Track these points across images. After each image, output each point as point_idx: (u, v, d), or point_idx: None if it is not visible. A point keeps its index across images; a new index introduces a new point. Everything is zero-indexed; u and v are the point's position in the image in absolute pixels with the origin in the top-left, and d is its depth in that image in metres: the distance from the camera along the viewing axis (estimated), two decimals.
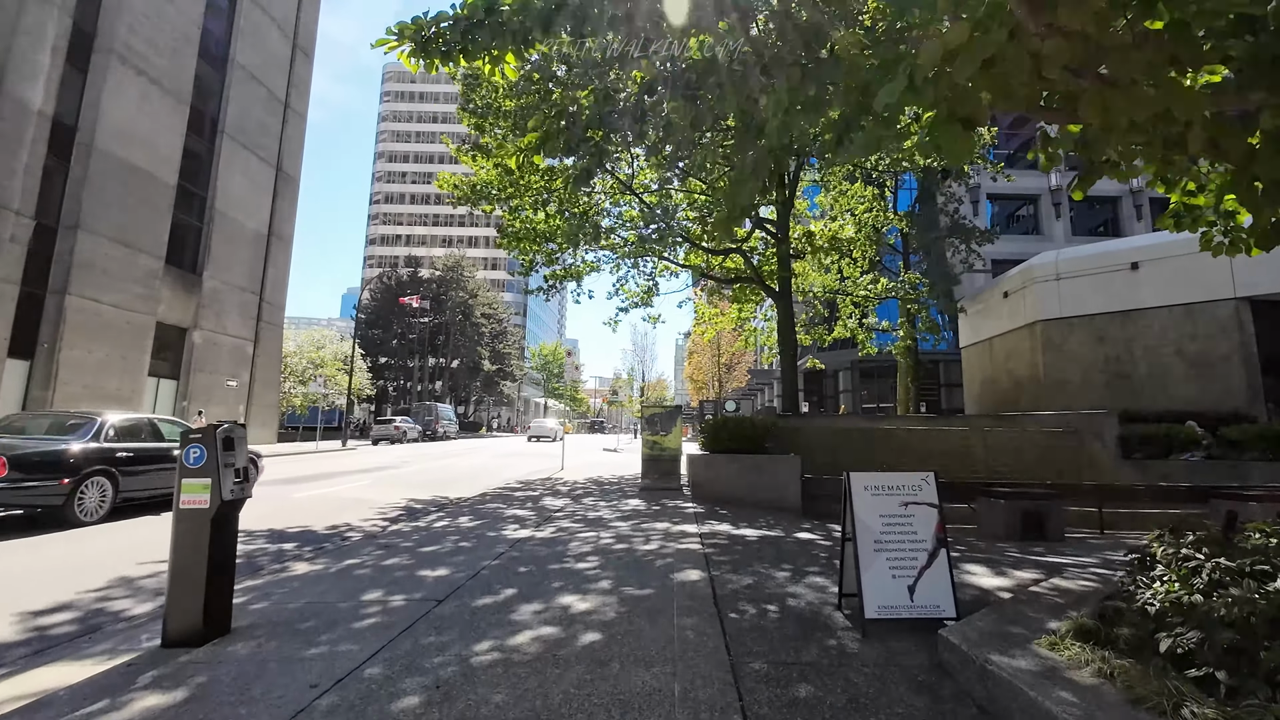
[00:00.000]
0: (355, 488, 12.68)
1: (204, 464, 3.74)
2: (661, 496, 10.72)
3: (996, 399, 20.19)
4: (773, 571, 5.42)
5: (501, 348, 71.44)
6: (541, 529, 7.49)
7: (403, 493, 11.91)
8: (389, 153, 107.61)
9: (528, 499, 10.61)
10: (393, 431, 38.74)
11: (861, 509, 3.94)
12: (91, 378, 20.83)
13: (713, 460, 10.16)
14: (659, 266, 17.61)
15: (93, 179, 20.74)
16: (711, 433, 10.51)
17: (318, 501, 10.54)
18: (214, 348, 26.84)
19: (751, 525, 7.84)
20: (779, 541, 6.83)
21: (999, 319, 20.00)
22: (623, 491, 11.64)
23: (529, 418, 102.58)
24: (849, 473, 4.08)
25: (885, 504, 3.96)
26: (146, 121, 22.75)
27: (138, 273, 22.59)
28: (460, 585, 4.92)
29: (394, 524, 8.24)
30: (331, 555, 6.15)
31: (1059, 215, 34.46)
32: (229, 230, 27.54)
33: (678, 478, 11.74)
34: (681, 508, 9.33)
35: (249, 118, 28.63)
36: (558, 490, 12.00)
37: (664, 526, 7.59)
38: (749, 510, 9.14)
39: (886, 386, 38.18)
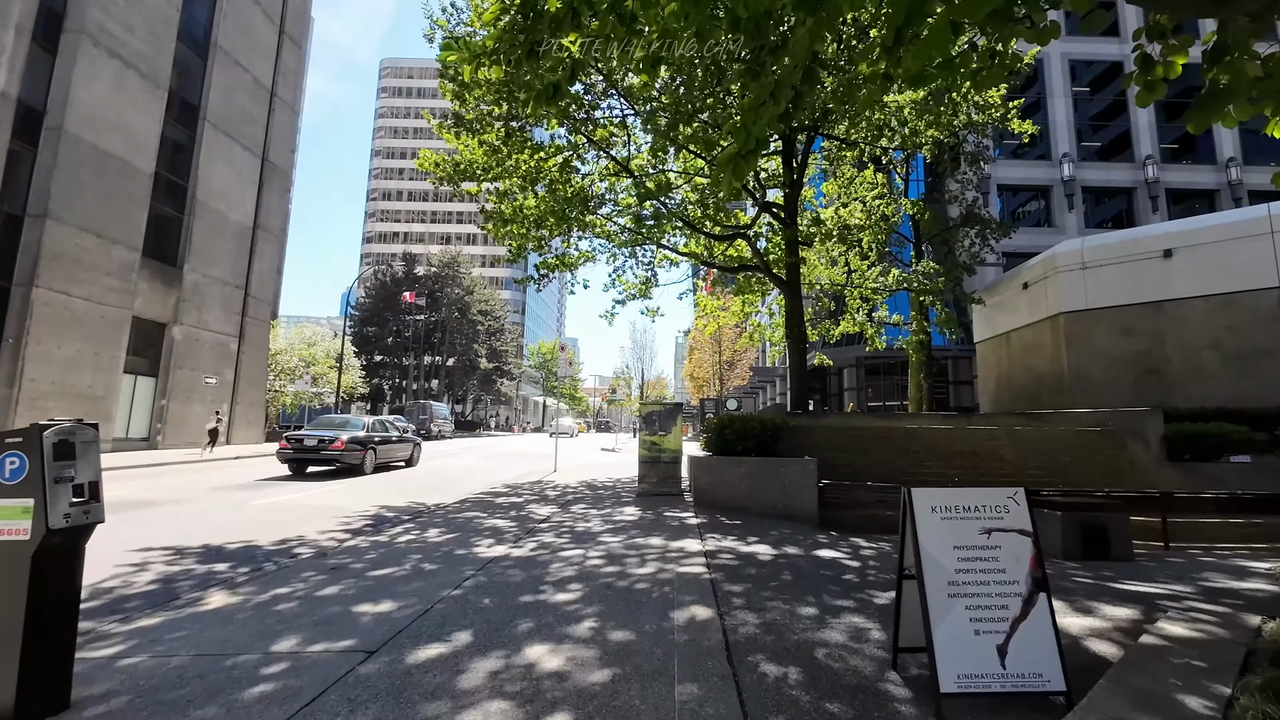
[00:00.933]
0: (327, 493, 11.64)
1: (23, 479, 2.70)
2: (660, 503, 9.68)
3: (1014, 397, 19.14)
4: (797, 606, 4.37)
5: (499, 345, 70.37)
6: (520, 545, 6.45)
7: (377, 499, 10.87)
8: (386, 149, 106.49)
9: (511, 506, 9.57)
10: None
11: (929, 538, 2.90)
12: (60, 374, 19.79)
13: (716, 463, 9.13)
14: (657, 256, 16.58)
15: (62, 165, 19.66)
16: (715, 433, 9.47)
17: (278, 510, 9.50)
18: (195, 344, 25.79)
19: (763, 539, 6.80)
20: (797, 562, 5.79)
21: (1017, 312, 18.93)
22: (618, 497, 10.59)
23: (527, 416, 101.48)
24: (910, 489, 3.03)
25: (960, 531, 2.92)
26: (121, 106, 21.68)
27: (112, 265, 21.52)
28: (404, 627, 3.88)
29: (353, 538, 7.19)
30: (263, 581, 5.11)
31: (1071, 207, 33.41)
32: (211, 221, 26.47)
33: (678, 482, 10.70)
34: (682, 517, 8.29)
35: (232, 105, 27.55)
36: (546, 495, 10.96)
37: (662, 542, 6.54)
38: (758, 520, 8.10)
39: (892, 384, 37.17)
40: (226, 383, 27.87)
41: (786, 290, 14.05)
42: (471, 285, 67.13)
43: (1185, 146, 33.48)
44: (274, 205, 31.40)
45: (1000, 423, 12.04)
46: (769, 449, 9.22)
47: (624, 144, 13.28)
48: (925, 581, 2.83)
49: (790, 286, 14.05)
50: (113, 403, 21.77)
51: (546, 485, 12.83)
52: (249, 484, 12.67)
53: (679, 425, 10.67)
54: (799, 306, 14.07)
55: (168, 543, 6.91)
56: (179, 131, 25.05)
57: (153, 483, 12.76)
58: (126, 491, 11.11)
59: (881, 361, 36.24)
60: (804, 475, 8.28)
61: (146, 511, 9.10)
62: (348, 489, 12.26)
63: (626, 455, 25.46)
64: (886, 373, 37.04)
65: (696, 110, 9.82)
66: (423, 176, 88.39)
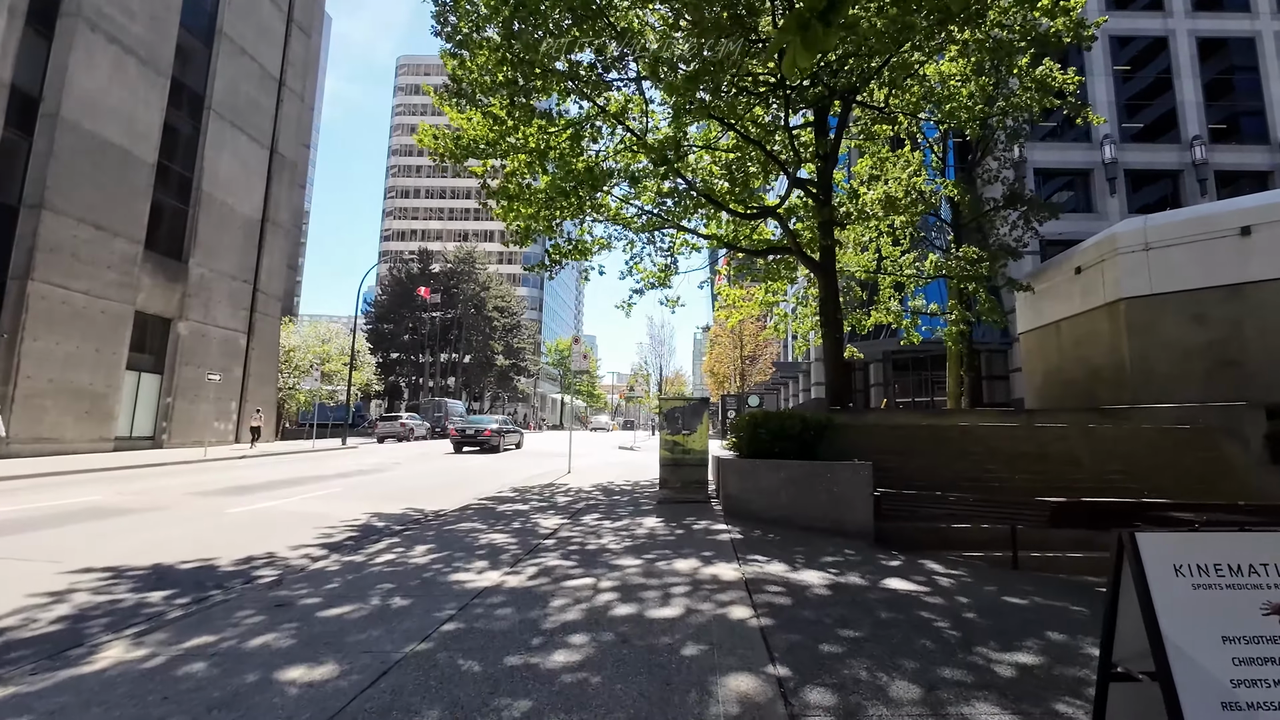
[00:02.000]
0: (317, 498, 10.62)
1: None
2: (685, 513, 8.47)
3: (1064, 392, 17.60)
4: (889, 678, 3.14)
5: (515, 342, 69.59)
6: (518, 569, 5.30)
7: (370, 505, 9.81)
8: (403, 147, 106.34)
9: (516, 516, 8.43)
10: (399, 429, 36.92)
11: (1176, 619, 1.67)
12: (59, 371, 19.09)
13: (750, 468, 7.90)
14: (677, 241, 15.36)
15: (59, 154, 18.94)
16: (748, 432, 8.25)
17: (255, 519, 8.47)
18: (202, 340, 25.09)
19: (813, 562, 5.58)
20: (865, 598, 4.55)
21: (1068, 299, 17.37)
22: (636, 505, 9.41)
23: (544, 414, 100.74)
24: (1129, 533, 1.81)
25: (1230, 607, 1.68)
26: (121, 93, 20.94)
27: (112, 258, 20.81)
28: (334, 714, 2.73)
29: (327, 556, 6.10)
30: (185, 625, 4.00)
31: (1113, 191, 31.56)
32: (218, 214, 25.75)
33: (704, 487, 9.49)
34: (712, 531, 7.08)
35: (239, 94, 26.80)
36: (556, 501, 9.81)
37: (691, 566, 5.35)
38: (801, 535, 6.87)
39: (921, 380, 35.58)
40: (235, 380, 27.19)
41: (820, 274, 12.75)
42: (487, 281, 66.42)
43: (1234, 127, 31.49)
44: (283, 198, 30.66)
45: (1070, 420, 10.65)
46: (810, 451, 7.98)
47: (641, 113, 12.07)
48: (1180, 690, 1.60)
49: (824, 270, 12.75)
50: (115, 401, 21.09)
51: (558, 489, 11.70)
52: (241, 487, 11.71)
53: (705, 424, 9.48)
54: (834, 292, 12.78)
55: (113, 561, 5.88)
56: (183, 121, 24.32)
57: (140, 485, 11.86)
58: (102, 496, 10.18)
59: (910, 356, 34.70)
60: (856, 483, 7.04)
61: (111, 521, 8.11)
62: (346, 493, 11.23)
63: (646, 454, 24.32)
64: (916, 368, 35.47)
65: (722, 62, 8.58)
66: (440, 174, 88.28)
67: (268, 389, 30.11)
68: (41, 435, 18.56)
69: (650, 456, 22.49)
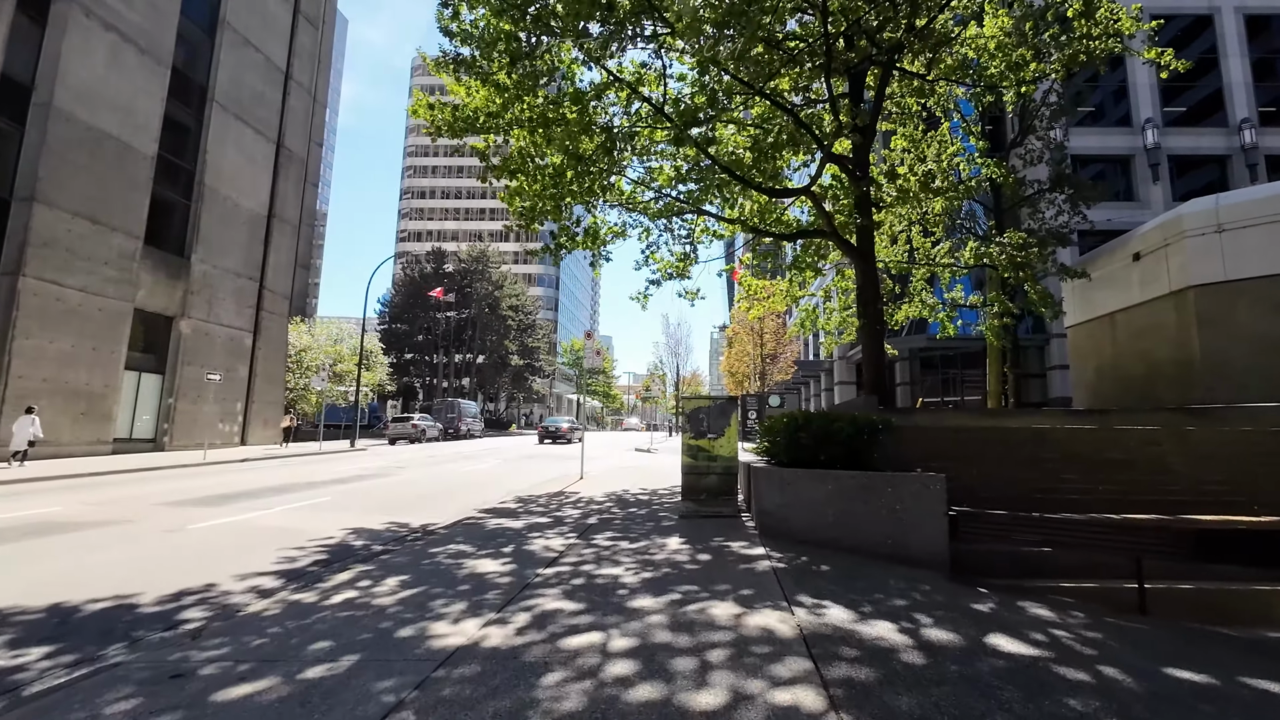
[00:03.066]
0: (300, 509, 9.55)
1: None
2: (713, 531, 7.24)
3: (1121, 389, 16.04)
4: None
5: (530, 342, 68.70)
6: (505, 618, 4.10)
7: (356, 518, 8.71)
8: (418, 147, 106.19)
9: (516, 533, 7.25)
10: (410, 430, 36.07)
11: None
12: (54, 370, 18.33)
13: (790, 479, 6.65)
14: (697, 229, 14.13)
15: (52, 145, 18.19)
16: (785, 435, 7.00)
17: (217, 537, 7.39)
18: (205, 339, 24.33)
19: (883, 607, 4.32)
20: (974, 668, 3.29)
21: (1124, 289, 15.81)
22: (655, 519, 8.19)
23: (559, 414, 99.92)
24: None
25: None
26: (118, 83, 20.19)
27: (110, 253, 20.06)
28: None
29: (273, 593, 4.97)
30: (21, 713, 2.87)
31: (1156, 178, 29.76)
32: (221, 209, 24.99)
33: (733, 499, 8.25)
34: (748, 557, 5.85)
35: (243, 86, 26.03)
36: (563, 515, 8.63)
37: (730, 614, 4.12)
38: (856, 563, 5.61)
39: (949, 378, 33.98)
40: (241, 380, 26.43)
41: (857, 259, 11.43)
42: (501, 280, 65.60)
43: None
44: (290, 193, 29.89)
45: (1160, 421, 9.23)
46: (860, 459, 6.71)
47: (658, 78, 10.85)
48: None
49: (862, 255, 11.42)
50: (113, 401, 20.32)
51: (567, 498, 10.52)
52: (223, 496, 10.70)
53: (734, 426, 8.24)
54: (873, 278, 11.44)
55: (10, 599, 4.79)
56: (184, 112, 23.57)
57: (113, 494, 10.89)
58: (63, 507, 9.19)
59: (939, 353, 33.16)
60: (926, 499, 5.76)
61: (50, 540, 7.07)
62: (336, 502, 10.15)
63: (663, 456, 23.08)
64: (945, 365, 33.89)
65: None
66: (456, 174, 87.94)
67: (275, 389, 29.35)
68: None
69: (668, 460, 21.26)
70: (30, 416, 16.20)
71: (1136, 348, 16.18)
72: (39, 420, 16.47)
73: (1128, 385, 16.30)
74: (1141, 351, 15.91)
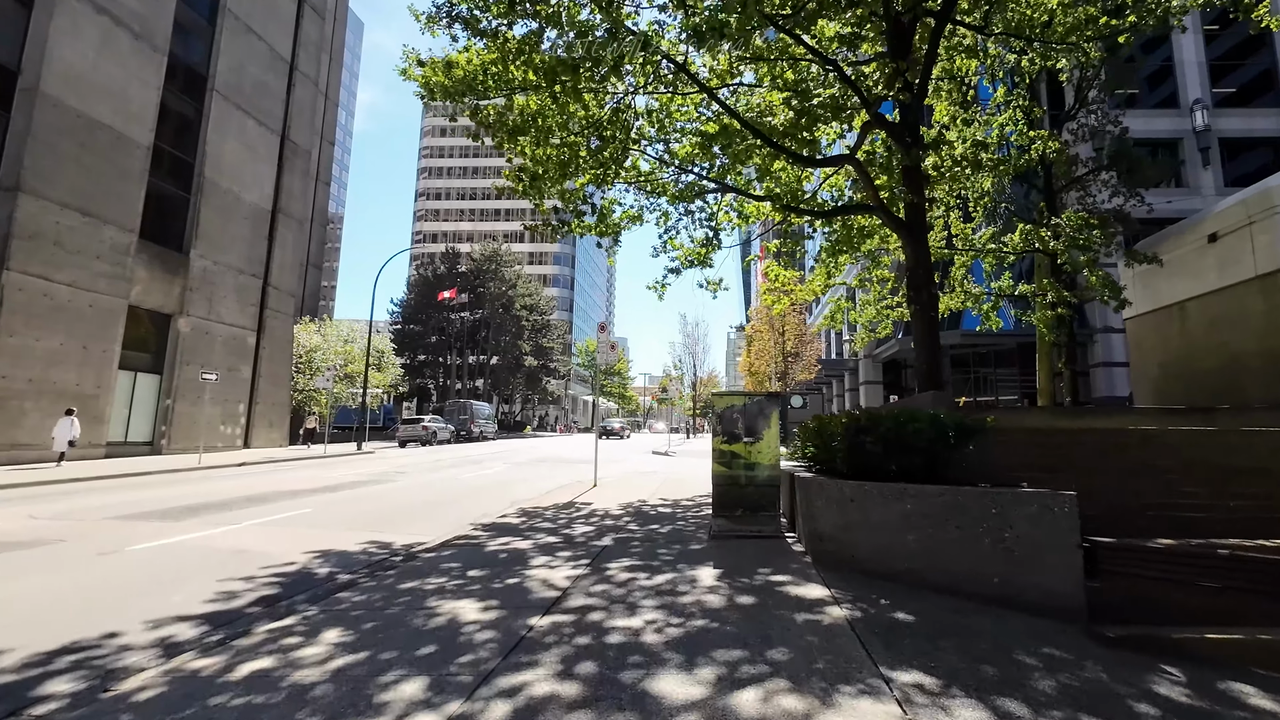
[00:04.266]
0: (270, 525, 8.33)
1: None
2: (752, 557, 5.87)
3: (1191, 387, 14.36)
4: None
5: (544, 342, 67.61)
6: (473, 711, 2.77)
7: (329, 536, 7.47)
8: (433, 148, 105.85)
9: (512, 560, 5.93)
10: (420, 432, 35.04)
11: None
12: (41, 370, 17.40)
13: (853, 495, 5.25)
14: (720, 212, 12.77)
15: (39, 132, 17.28)
16: (845, 439, 5.62)
17: (157, 561, 6.17)
18: (205, 338, 23.38)
19: (1032, 696, 2.92)
20: None
21: (1197, 274, 14.13)
22: (681, 540, 6.84)
23: (575, 416, 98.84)
24: None
25: None
26: (111, 69, 19.27)
27: (101, 247, 19.13)
28: None
29: (184, 649, 3.71)
30: None
31: (1206, 162, 27.83)
32: (222, 203, 24.05)
33: (775, 516, 6.85)
34: (808, 602, 4.46)
35: (244, 75, 25.10)
36: (572, 533, 7.30)
37: (802, 710, 2.75)
38: (954, 610, 4.21)
39: (982, 377, 32.25)
40: (244, 380, 25.47)
41: (907, 237, 9.98)
42: (514, 279, 64.61)
43: None
44: (296, 188, 28.96)
45: None
46: (940, 470, 5.32)
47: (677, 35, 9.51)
48: None
49: (911, 231, 9.98)
50: (106, 402, 19.38)
51: (578, 510, 9.19)
52: (189, 508, 9.52)
53: (774, 429, 6.86)
54: (925, 258, 10.00)
55: None
56: (182, 102, 22.64)
57: (67, 505, 9.76)
58: (2, 521, 8.05)
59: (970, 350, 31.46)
60: (1047, 524, 4.34)
61: None
62: (314, 516, 8.92)
63: (683, 461, 21.69)
64: (978, 363, 32.19)
65: None
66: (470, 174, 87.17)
67: (281, 391, 28.41)
68: (19, 441, 16.86)
69: (688, 465, 19.87)
70: (70, 419, 16.86)
71: (1212, 340, 14.43)
72: (78, 422, 17.12)
73: (1200, 382, 14.58)
74: (1218, 344, 14.16)
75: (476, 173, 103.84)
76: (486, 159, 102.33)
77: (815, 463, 7.04)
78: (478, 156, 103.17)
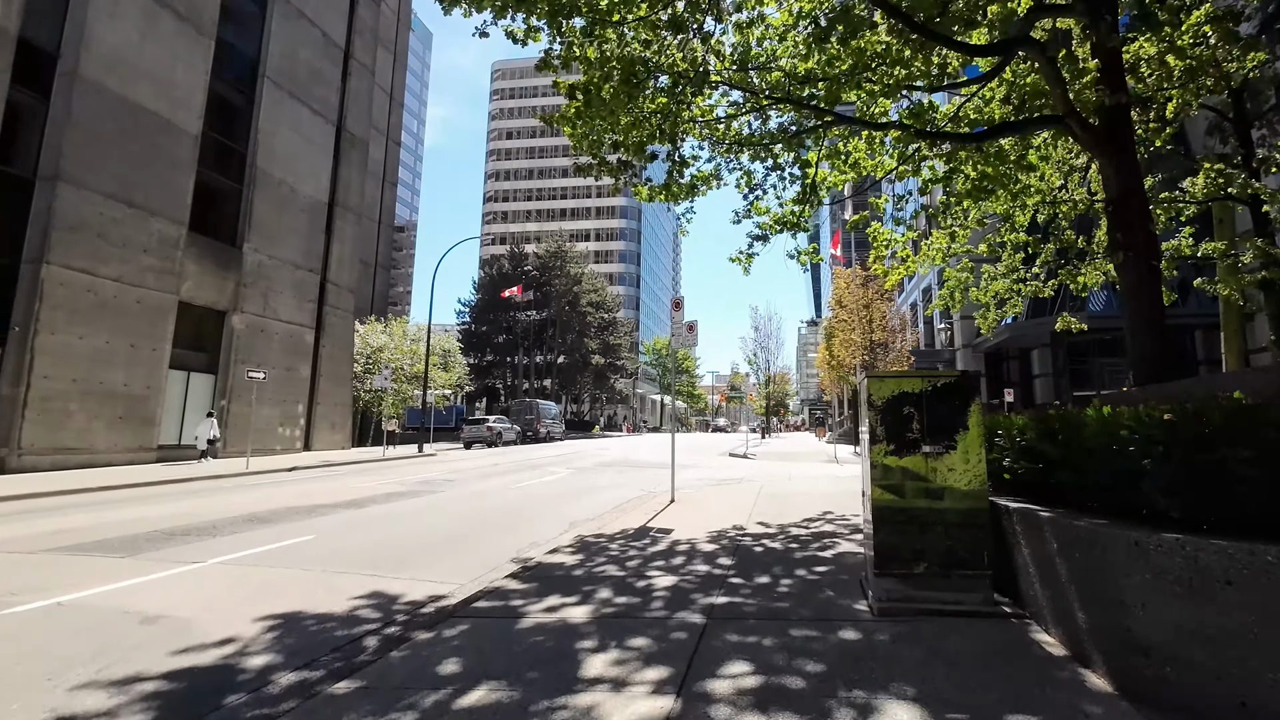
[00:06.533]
0: (251, 559, 6.31)
1: None
2: (988, 688, 3.20)
3: None
4: None
5: (611, 339, 65.78)
6: None
7: (312, 584, 5.33)
8: (500, 150, 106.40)
9: (554, 661, 3.50)
10: (485, 433, 33.65)
11: None
12: (85, 370, 16.53)
13: (1220, 567, 2.55)
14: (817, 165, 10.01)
15: (79, 119, 16.42)
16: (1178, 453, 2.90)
17: (81, 629, 4.13)
18: (261, 335, 22.44)
19: None
20: None
21: None
22: (827, 618, 4.23)
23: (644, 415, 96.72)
24: None
25: None
26: (155, 52, 18.36)
27: (149, 240, 18.24)
28: None
29: None
30: None
31: None
32: (276, 195, 23.08)
33: (982, 575, 4.10)
34: None
35: (298, 62, 24.10)
36: (650, 588, 4.83)
37: None
38: None
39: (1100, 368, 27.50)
40: (303, 380, 24.49)
41: (1107, 154, 6.95)
42: (579, 275, 63.04)
43: None
44: (354, 180, 27.95)
45: None
46: None
47: None
48: None
49: (1119, 148, 6.96)
50: (156, 404, 18.48)
51: (653, 543, 6.71)
52: (168, 532, 7.68)
53: (977, 429, 4.12)
54: (1137, 181, 6.94)
55: None
56: (232, 89, 21.72)
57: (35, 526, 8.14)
58: None
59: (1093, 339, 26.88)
60: None
61: None
62: (311, 549, 6.84)
63: (768, 465, 18.79)
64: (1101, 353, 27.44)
65: None
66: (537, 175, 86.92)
67: (342, 390, 27.44)
68: (64, 444, 15.99)
69: (775, 469, 17.05)
70: (210, 420, 18.60)
71: None
72: (216, 423, 18.64)
73: None
74: None
75: (541, 174, 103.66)
76: (550, 159, 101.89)
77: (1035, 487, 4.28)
78: (542, 157, 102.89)
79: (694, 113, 9.04)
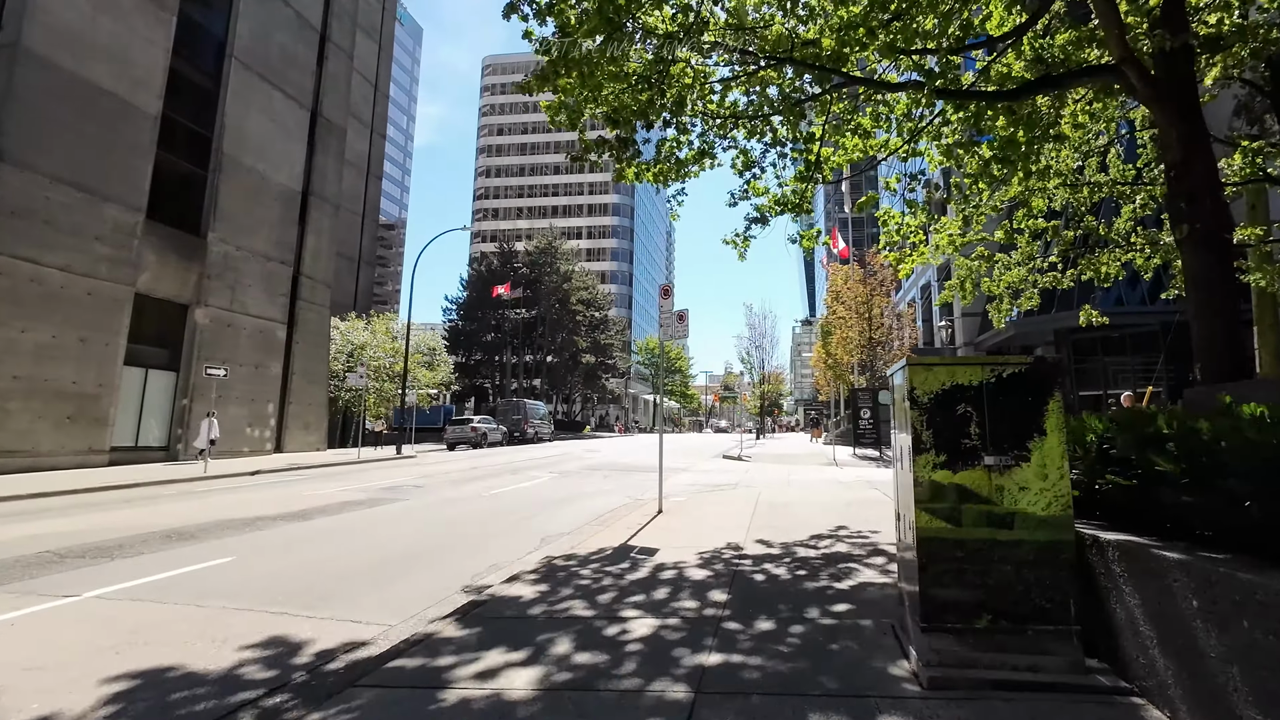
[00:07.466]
0: (142, 590, 5.19)
1: None
2: None
3: None
4: None
5: (603, 338, 64.63)
6: None
7: (200, 632, 4.21)
8: (491, 147, 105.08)
9: None
10: (469, 434, 32.47)
11: None
12: (29, 366, 15.27)
13: None
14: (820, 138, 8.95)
15: (22, 95, 15.17)
16: None
17: None
18: (228, 330, 21.20)
19: None
20: None
21: None
22: (858, 692, 3.14)
23: (636, 415, 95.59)
24: None
25: None
26: (111, 28, 17.11)
27: (102, 227, 16.98)
28: None
29: None
30: None
31: None
32: (245, 182, 21.83)
33: (1069, 636, 3.04)
34: None
35: (269, 43, 22.86)
36: (625, 638, 3.75)
37: None
38: None
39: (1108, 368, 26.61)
40: (274, 378, 23.24)
41: (1169, 109, 5.92)
42: (570, 272, 61.87)
43: None
44: (330, 169, 26.71)
45: None
46: None
47: None
48: None
49: (1183, 104, 5.94)
50: (109, 403, 17.22)
51: (634, 569, 5.62)
52: (50, 555, 6.53)
53: (1056, 435, 3.10)
54: (1205, 147, 5.93)
55: None
56: (197, 70, 20.47)
57: None
58: None
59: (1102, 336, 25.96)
60: None
61: None
62: (225, 577, 5.70)
63: (765, 468, 17.68)
64: (1110, 351, 26.49)
65: None
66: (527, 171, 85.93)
67: (317, 389, 26.18)
68: (3, 447, 14.73)
69: (773, 473, 15.99)
70: (209, 420, 17.46)
71: None
72: (216, 423, 17.62)
73: None
74: None
75: (533, 170, 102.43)
76: (542, 155, 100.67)
77: (1124, 510, 3.24)
78: (534, 153, 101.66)
79: (685, 81, 7.96)
